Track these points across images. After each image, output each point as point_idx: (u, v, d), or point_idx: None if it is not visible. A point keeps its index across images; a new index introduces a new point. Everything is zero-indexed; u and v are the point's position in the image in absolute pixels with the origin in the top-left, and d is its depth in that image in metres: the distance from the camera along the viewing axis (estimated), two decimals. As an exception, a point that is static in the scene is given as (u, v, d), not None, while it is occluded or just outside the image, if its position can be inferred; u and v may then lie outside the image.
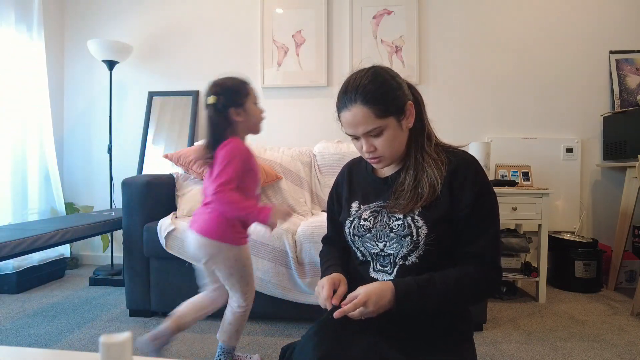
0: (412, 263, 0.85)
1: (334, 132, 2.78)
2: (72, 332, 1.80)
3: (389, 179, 0.93)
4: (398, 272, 0.86)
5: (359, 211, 0.94)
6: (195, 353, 1.60)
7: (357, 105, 0.83)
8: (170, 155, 2.23)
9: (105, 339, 0.40)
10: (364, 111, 0.83)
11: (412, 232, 0.84)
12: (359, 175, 1.01)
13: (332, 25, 2.83)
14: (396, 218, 0.86)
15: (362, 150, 0.89)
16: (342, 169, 1.08)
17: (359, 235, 0.91)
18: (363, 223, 0.91)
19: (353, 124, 0.85)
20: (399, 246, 0.86)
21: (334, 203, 1.05)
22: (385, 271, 0.88)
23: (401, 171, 0.91)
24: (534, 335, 1.79)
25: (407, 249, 0.85)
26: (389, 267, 0.88)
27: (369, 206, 0.92)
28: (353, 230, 0.93)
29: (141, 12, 3.00)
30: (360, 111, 0.83)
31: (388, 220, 0.87)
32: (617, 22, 2.66)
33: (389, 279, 0.86)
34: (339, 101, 0.87)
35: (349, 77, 0.88)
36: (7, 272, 2.33)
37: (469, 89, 2.76)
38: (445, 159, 0.88)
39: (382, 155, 0.87)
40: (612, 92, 2.65)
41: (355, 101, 0.83)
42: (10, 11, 2.54)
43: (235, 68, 2.93)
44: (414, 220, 0.84)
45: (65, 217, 2.46)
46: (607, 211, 2.67)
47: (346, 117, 0.86)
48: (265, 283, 1.80)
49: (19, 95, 2.62)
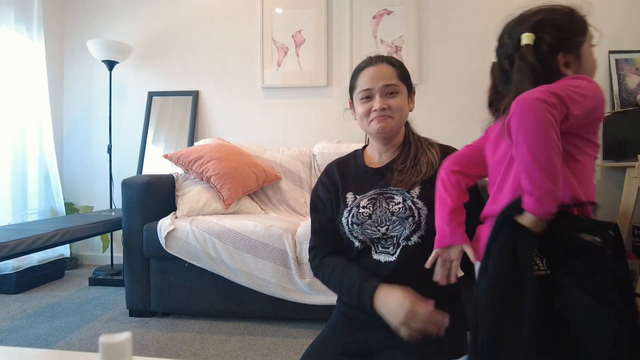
0: (414, 243, 0.89)
1: (333, 132, 2.79)
2: (72, 332, 1.80)
3: (383, 169, 0.97)
4: (401, 253, 0.89)
5: (355, 201, 0.95)
6: (195, 353, 1.60)
7: (383, 64, 0.95)
8: (170, 155, 2.23)
9: (105, 339, 0.40)
10: (389, 68, 0.95)
11: (414, 213, 0.89)
12: (349, 170, 1.03)
13: (332, 25, 2.83)
14: (395, 202, 0.90)
15: (373, 109, 0.93)
16: (328, 171, 1.06)
17: (359, 222, 0.92)
18: (362, 210, 0.93)
19: (376, 76, 0.93)
20: (401, 227, 0.89)
21: (325, 206, 1.01)
22: (387, 252, 0.91)
23: (400, 155, 0.97)
24: (533, 335, 1.78)
25: (409, 230, 0.89)
26: (391, 248, 0.91)
27: (365, 195, 0.95)
28: (352, 219, 0.93)
29: (141, 12, 3.00)
30: (385, 68, 0.95)
31: (387, 205, 0.91)
32: (617, 22, 2.66)
33: (392, 260, 0.89)
34: (361, 63, 0.98)
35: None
36: (7, 272, 2.33)
37: (469, 89, 2.76)
38: (437, 147, 0.98)
39: (392, 116, 0.93)
40: (612, 92, 2.65)
41: (382, 61, 0.96)
42: (10, 11, 2.54)
43: (235, 68, 2.94)
44: (414, 203, 0.90)
45: (65, 217, 2.46)
46: (607, 211, 2.66)
47: (369, 72, 0.95)
48: (265, 283, 1.80)
49: (19, 96, 2.62)
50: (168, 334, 1.77)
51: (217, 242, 1.82)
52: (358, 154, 1.06)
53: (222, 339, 1.73)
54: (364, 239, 0.92)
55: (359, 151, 1.07)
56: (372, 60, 0.97)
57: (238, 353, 1.60)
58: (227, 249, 1.82)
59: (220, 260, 1.83)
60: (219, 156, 2.18)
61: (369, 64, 0.96)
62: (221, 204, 2.11)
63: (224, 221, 1.89)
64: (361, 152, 1.06)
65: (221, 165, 2.14)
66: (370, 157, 1.03)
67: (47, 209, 2.79)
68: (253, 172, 2.25)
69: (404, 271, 0.88)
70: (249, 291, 1.85)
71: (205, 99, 2.96)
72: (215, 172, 2.11)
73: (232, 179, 2.13)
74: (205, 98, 2.96)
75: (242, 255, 1.81)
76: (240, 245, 1.81)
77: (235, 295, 1.88)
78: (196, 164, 2.15)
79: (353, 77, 1.00)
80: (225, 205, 2.10)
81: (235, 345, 1.67)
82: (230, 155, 2.23)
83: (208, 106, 2.96)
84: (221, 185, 2.11)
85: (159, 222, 1.91)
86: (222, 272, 1.84)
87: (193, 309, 1.93)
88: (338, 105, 2.84)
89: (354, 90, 0.99)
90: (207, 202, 2.09)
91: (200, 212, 2.06)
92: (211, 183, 2.13)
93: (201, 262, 1.85)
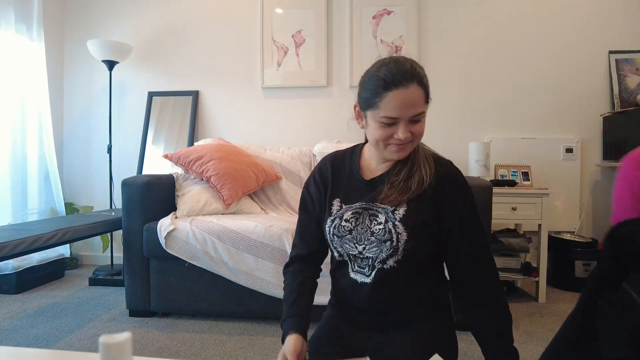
0: (390, 267, 0.86)
1: (334, 132, 2.80)
2: (72, 332, 1.80)
3: (375, 181, 0.92)
4: (376, 275, 0.87)
5: (340, 210, 0.92)
6: (195, 353, 1.60)
7: (414, 84, 0.78)
8: (170, 155, 2.23)
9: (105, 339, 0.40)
10: (419, 91, 0.79)
11: (392, 237, 0.84)
12: (342, 173, 0.97)
13: (332, 25, 2.83)
14: (378, 222, 0.86)
15: (393, 138, 0.82)
16: (322, 169, 0.99)
17: (339, 235, 0.90)
18: (344, 224, 0.89)
19: (406, 105, 0.78)
20: (378, 250, 0.86)
21: (314, 205, 0.98)
22: (363, 273, 0.89)
23: (396, 166, 0.90)
24: (534, 335, 1.79)
25: (386, 254, 0.86)
26: (367, 269, 0.89)
27: (351, 207, 0.91)
28: (333, 230, 0.90)
29: (141, 12, 3.00)
30: (416, 90, 0.78)
31: (370, 223, 0.87)
32: (617, 22, 2.66)
33: (368, 282, 0.88)
34: (386, 75, 0.79)
35: (393, 57, 0.83)
36: (7, 272, 2.33)
37: (468, 89, 2.76)
38: (432, 163, 0.89)
39: (413, 142, 0.84)
40: (612, 92, 2.65)
41: (413, 81, 0.78)
42: (10, 11, 2.54)
43: (235, 68, 2.94)
44: (395, 226, 0.85)
45: (65, 217, 2.46)
46: (607, 211, 2.66)
47: (399, 96, 0.78)
48: (265, 283, 1.80)
49: (19, 96, 2.62)
50: (168, 334, 1.77)
51: (217, 242, 1.82)
52: (355, 154, 0.98)
53: (222, 339, 1.73)
54: (342, 252, 0.91)
55: (357, 150, 0.99)
56: (402, 77, 0.78)
57: (238, 353, 1.60)
58: (227, 249, 1.82)
59: (220, 260, 1.83)
60: (219, 156, 2.18)
61: (400, 84, 0.77)
62: (221, 204, 2.11)
63: (224, 221, 1.89)
64: (359, 152, 0.98)
65: (221, 165, 2.14)
66: (366, 160, 0.96)
67: (47, 209, 2.79)
68: (253, 172, 2.25)
69: (380, 292, 0.88)
70: (249, 291, 1.85)
71: (205, 99, 2.96)
72: (215, 172, 2.11)
73: (232, 179, 2.13)
74: (205, 98, 2.96)
75: (242, 255, 1.81)
76: (240, 245, 1.81)
77: (235, 295, 1.88)
78: (196, 164, 2.15)
79: (373, 92, 0.80)
80: (225, 205, 2.10)
81: (235, 345, 1.67)
82: (230, 155, 2.23)
83: (208, 106, 2.96)
84: (221, 185, 2.11)
85: (159, 222, 1.91)
86: (222, 272, 1.84)
87: (193, 309, 1.93)
88: (338, 105, 2.84)
89: (371, 107, 0.82)
90: (207, 202, 2.09)
91: (200, 212, 2.06)
92: (211, 183, 2.13)
93: (201, 262, 1.85)
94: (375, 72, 0.82)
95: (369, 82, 0.83)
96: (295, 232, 1.01)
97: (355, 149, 1.00)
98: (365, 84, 0.84)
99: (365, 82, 0.84)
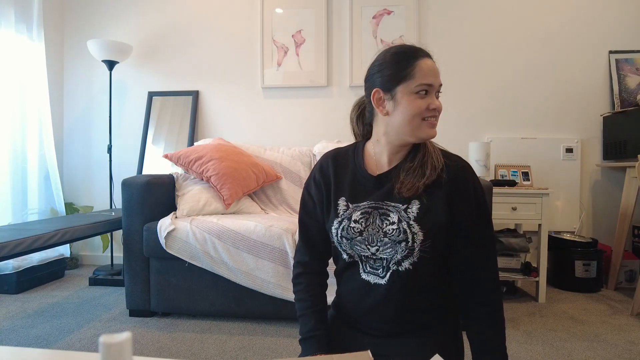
0: (405, 269, 0.83)
1: (334, 132, 2.80)
2: (72, 332, 1.80)
3: (383, 177, 0.88)
4: (391, 277, 0.84)
5: (347, 211, 0.87)
6: (195, 353, 1.60)
7: (431, 59, 0.85)
8: (170, 155, 2.23)
9: (105, 339, 0.40)
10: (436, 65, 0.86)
11: (408, 237, 0.81)
12: (345, 170, 0.92)
13: (332, 25, 2.84)
14: (390, 222, 0.83)
15: (428, 110, 0.84)
16: (323, 167, 0.95)
17: (348, 237, 0.85)
18: (353, 225, 0.85)
19: (436, 71, 0.85)
20: (393, 251, 0.83)
21: (315, 208, 0.94)
22: (377, 274, 0.86)
23: (408, 156, 0.88)
24: (534, 335, 1.79)
25: (401, 255, 0.82)
26: (380, 270, 0.85)
27: (359, 206, 0.86)
28: (342, 232, 0.86)
29: (141, 12, 3.00)
30: (435, 64, 0.86)
31: (381, 223, 0.84)
32: (617, 22, 2.66)
33: (382, 283, 0.85)
34: (407, 49, 0.85)
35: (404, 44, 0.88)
36: (7, 272, 2.33)
37: (468, 89, 2.76)
38: (441, 157, 0.87)
39: (437, 118, 0.88)
40: (612, 92, 2.65)
41: (429, 56, 0.85)
42: (10, 11, 2.54)
43: (235, 68, 2.94)
44: (410, 226, 0.81)
45: (65, 217, 2.46)
46: (607, 211, 2.67)
47: (429, 63, 0.84)
48: (265, 283, 1.80)
49: (19, 96, 2.62)
50: (168, 334, 1.77)
51: (217, 242, 1.82)
52: (358, 151, 0.94)
53: (222, 339, 1.73)
54: (352, 253, 0.88)
55: (359, 147, 0.95)
56: (421, 50, 0.85)
57: (238, 353, 1.60)
58: (227, 249, 1.82)
59: (220, 260, 1.83)
60: (219, 156, 2.18)
61: (425, 54, 0.84)
62: (221, 204, 2.11)
63: (224, 221, 1.89)
64: (361, 149, 0.94)
65: (221, 165, 2.14)
66: (371, 158, 0.91)
67: (47, 209, 2.79)
68: (253, 172, 2.25)
69: (395, 294, 0.84)
70: (249, 291, 1.85)
71: (205, 99, 2.96)
72: (215, 172, 2.11)
73: (232, 179, 2.13)
74: (205, 98, 2.96)
75: (242, 255, 1.81)
76: (240, 245, 1.81)
77: (235, 295, 1.88)
78: (196, 164, 2.15)
79: (403, 65, 0.82)
80: (225, 205, 2.10)
81: (235, 345, 1.67)
82: (230, 155, 2.23)
83: (208, 106, 2.96)
84: (221, 185, 2.11)
85: (159, 222, 1.92)
86: (222, 272, 1.84)
87: (193, 309, 1.93)
88: (338, 105, 2.84)
89: (403, 80, 0.82)
90: (207, 202, 2.09)
91: (200, 212, 2.07)
92: (211, 183, 2.13)
93: (201, 262, 1.85)
94: (395, 51, 0.85)
95: (390, 61, 0.84)
96: (299, 236, 0.98)
97: (356, 145, 0.96)
98: (385, 63, 0.85)
99: (386, 62, 0.85)
